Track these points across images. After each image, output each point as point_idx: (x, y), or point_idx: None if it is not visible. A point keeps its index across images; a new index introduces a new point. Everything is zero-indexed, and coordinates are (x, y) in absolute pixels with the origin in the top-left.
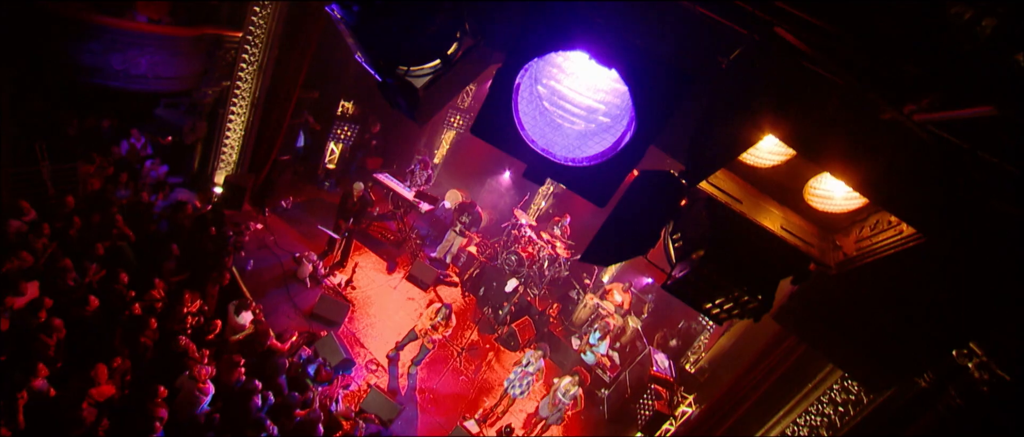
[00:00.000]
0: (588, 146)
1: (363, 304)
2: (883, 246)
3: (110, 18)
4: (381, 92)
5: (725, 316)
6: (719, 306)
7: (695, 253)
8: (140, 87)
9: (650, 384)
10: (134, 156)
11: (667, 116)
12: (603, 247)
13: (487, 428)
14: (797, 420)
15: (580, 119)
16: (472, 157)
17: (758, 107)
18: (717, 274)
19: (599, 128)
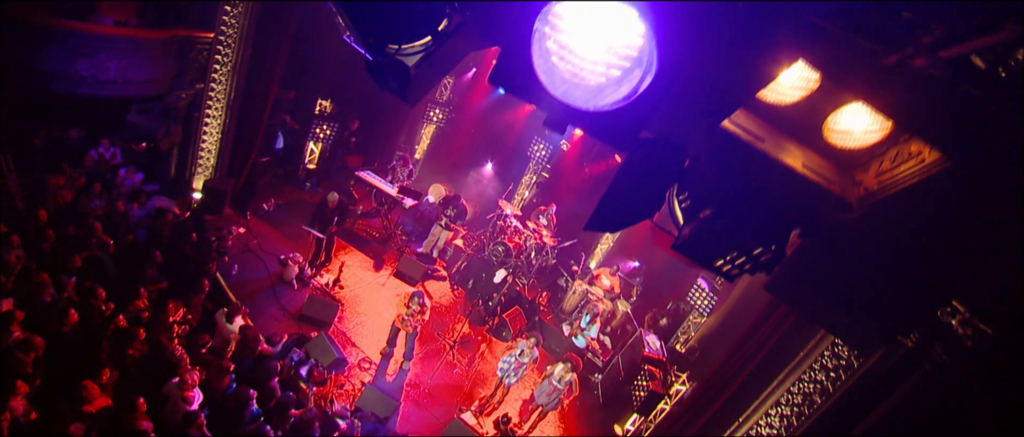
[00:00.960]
0: (605, 96)
1: (352, 303)
2: (905, 176)
3: (74, 22)
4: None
5: (737, 272)
6: (730, 261)
7: (703, 211)
8: (110, 92)
9: (643, 365)
10: (103, 166)
11: (690, 52)
12: (608, 213)
13: (484, 419)
14: (791, 388)
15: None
16: (453, 150)
17: (781, 38)
18: (728, 228)
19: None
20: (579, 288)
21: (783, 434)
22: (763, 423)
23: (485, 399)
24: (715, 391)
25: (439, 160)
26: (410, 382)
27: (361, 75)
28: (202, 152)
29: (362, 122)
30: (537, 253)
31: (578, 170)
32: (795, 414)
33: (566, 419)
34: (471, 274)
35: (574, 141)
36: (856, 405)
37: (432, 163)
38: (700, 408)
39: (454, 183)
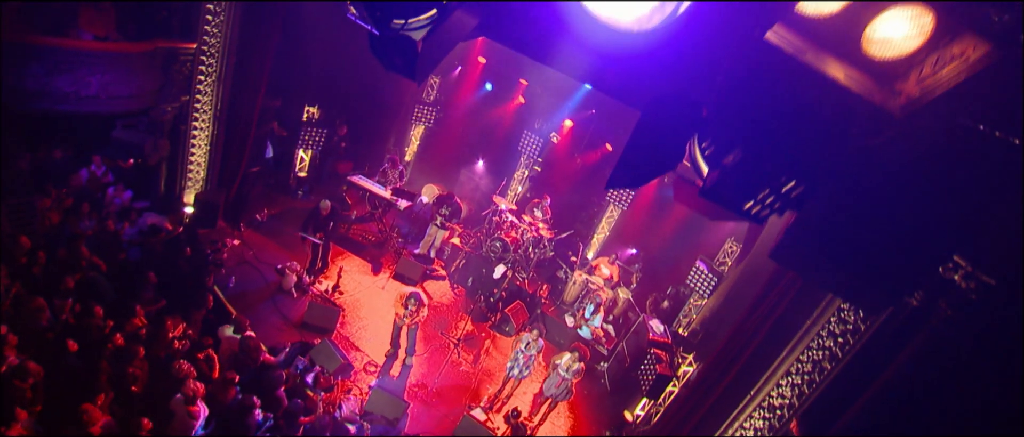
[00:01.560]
0: (652, 17)
1: (353, 307)
2: (948, 77)
3: (53, 38)
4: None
5: (767, 212)
6: (761, 201)
7: (729, 156)
8: (93, 108)
9: (649, 349)
10: (95, 184)
11: None
12: (629, 169)
13: (494, 415)
14: (800, 357)
15: None
16: (444, 149)
17: None
18: (758, 166)
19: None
20: (579, 278)
21: (795, 403)
22: (775, 394)
23: (494, 395)
24: (724, 366)
25: (430, 160)
26: (417, 382)
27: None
28: (191, 165)
29: (350, 127)
30: (535, 246)
31: (570, 161)
32: (806, 382)
33: (575, 409)
34: (470, 272)
35: (564, 133)
36: (866, 367)
37: (423, 163)
38: (710, 385)
39: (446, 182)
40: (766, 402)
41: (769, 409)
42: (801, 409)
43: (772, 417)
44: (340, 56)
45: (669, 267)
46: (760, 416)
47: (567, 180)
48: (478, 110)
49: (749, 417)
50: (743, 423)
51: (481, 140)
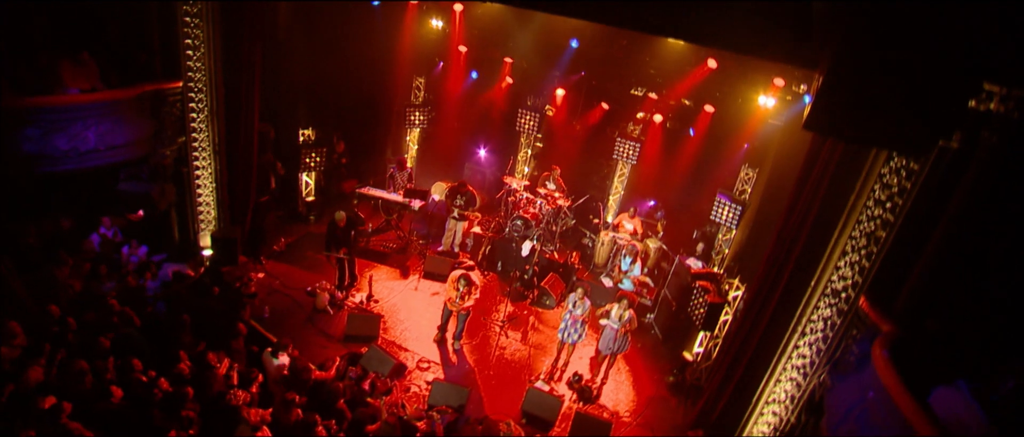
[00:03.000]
0: None
1: (391, 312)
2: None
3: (41, 98)
4: None
5: None
6: None
7: None
8: (94, 163)
9: (694, 285)
10: (108, 247)
11: None
12: None
13: (555, 383)
14: (852, 234)
15: None
16: (444, 147)
17: None
18: None
19: None
20: (606, 238)
21: (858, 280)
22: (835, 277)
23: (551, 366)
24: (775, 272)
25: (432, 160)
26: (474, 368)
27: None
28: (201, 206)
29: (347, 142)
30: (555, 217)
31: (570, 128)
32: (864, 256)
33: (633, 362)
34: (497, 256)
35: (559, 104)
36: (921, 224)
37: (426, 165)
38: (766, 295)
39: (453, 178)
40: (828, 289)
41: (833, 294)
42: (865, 284)
43: (838, 301)
44: (323, 73)
45: (690, 210)
46: (826, 304)
47: (571, 148)
48: (469, 101)
49: (815, 309)
50: (810, 317)
51: (479, 130)
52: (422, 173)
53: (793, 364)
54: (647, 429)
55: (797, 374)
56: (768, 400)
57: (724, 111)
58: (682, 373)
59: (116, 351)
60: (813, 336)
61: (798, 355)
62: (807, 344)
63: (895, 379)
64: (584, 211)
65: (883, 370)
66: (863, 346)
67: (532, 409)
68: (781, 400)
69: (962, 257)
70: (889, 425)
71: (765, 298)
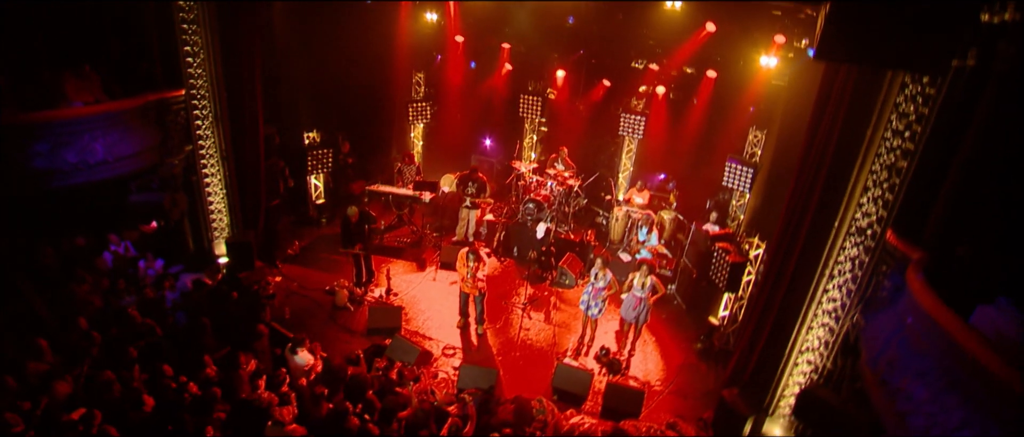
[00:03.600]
0: None
1: (411, 303)
2: None
3: (46, 113)
4: None
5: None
6: None
7: None
8: (103, 174)
9: (713, 246)
10: (122, 263)
11: None
12: None
13: (583, 358)
14: (872, 169)
15: None
16: (449, 140)
17: None
18: None
19: None
20: (619, 213)
21: (883, 214)
22: (859, 215)
23: (578, 341)
24: (796, 220)
25: (438, 154)
26: (500, 351)
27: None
28: (213, 214)
29: (351, 142)
30: (567, 198)
31: (573, 109)
32: (886, 190)
33: (659, 333)
34: (513, 241)
35: (560, 85)
36: (943, 148)
37: (433, 159)
38: (788, 246)
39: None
40: (852, 228)
41: (858, 233)
42: (891, 218)
43: (864, 239)
44: (322, 76)
45: (702, 178)
46: (852, 244)
47: (576, 128)
48: (471, 91)
49: (841, 250)
50: (837, 259)
51: (482, 119)
52: (429, 167)
53: (824, 309)
54: (680, 396)
55: (829, 319)
56: (801, 349)
57: (726, 75)
58: (709, 338)
59: (142, 360)
60: (842, 278)
61: (828, 299)
62: (836, 286)
63: (934, 300)
64: (595, 190)
65: (920, 293)
66: (895, 279)
67: (563, 385)
68: (815, 347)
69: (988, 177)
70: (931, 347)
71: (788, 247)
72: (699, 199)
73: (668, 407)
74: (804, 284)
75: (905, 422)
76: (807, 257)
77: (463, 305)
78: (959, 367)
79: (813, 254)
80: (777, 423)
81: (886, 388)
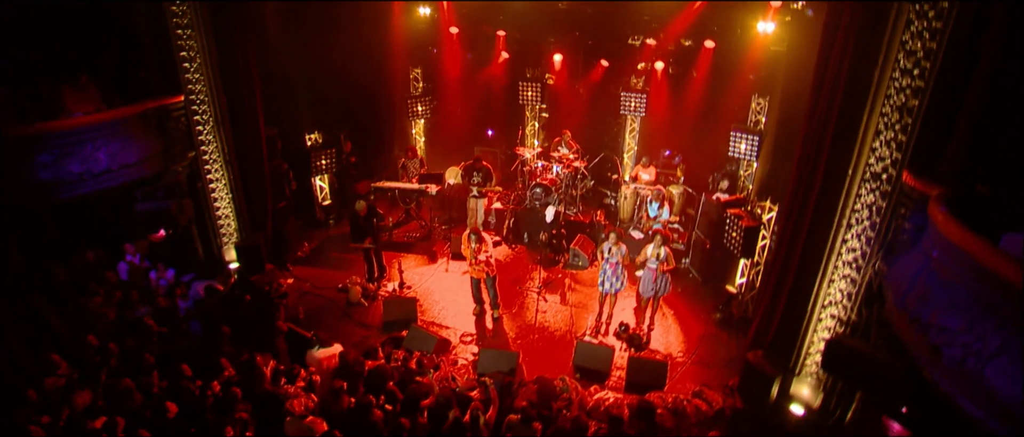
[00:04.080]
0: None
1: (426, 295)
2: None
3: (48, 123)
4: None
5: None
6: None
7: None
8: (108, 183)
9: (725, 213)
10: (136, 274)
11: None
12: None
13: (602, 336)
14: (883, 112)
15: None
16: (450, 135)
17: None
18: None
19: None
20: (627, 191)
21: (897, 156)
22: (872, 160)
23: (597, 319)
24: (809, 171)
25: (442, 147)
26: (518, 335)
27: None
28: (221, 220)
29: (353, 142)
30: (573, 180)
31: (573, 93)
32: (899, 131)
33: (677, 306)
34: (522, 227)
35: (558, 70)
36: (955, 82)
37: (436, 154)
38: (801, 202)
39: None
40: (867, 174)
41: (873, 179)
42: (906, 159)
43: (879, 184)
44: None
45: (708, 151)
46: (868, 190)
47: (578, 111)
48: (469, 83)
49: (857, 198)
50: (854, 207)
51: (483, 110)
52: (433, 161)
53: (844, 260)
54: (703, 366)
55: (850, 269)
56: (824, 304)
57: (725, 45)
58: (728, 307)
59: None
60: (860, 227)
61: (847, 250)
62: (855, 236)
63: (960, 228)
64: (601, 171)
65: (945, 224)
66: (915, 220)
67: (584, 362)
68: (838, 301)
69: (1004, 107)
70: (961, 277)
71: (802, 201)
72: (706, 172)
73: (692, 377)
74: (821, 237)
75: (940, 355)
76: (822, 209)
77: (476, 291)
78: (993, 292)
79: (828, 205)
80: (805, 382)
81: (917, 325)
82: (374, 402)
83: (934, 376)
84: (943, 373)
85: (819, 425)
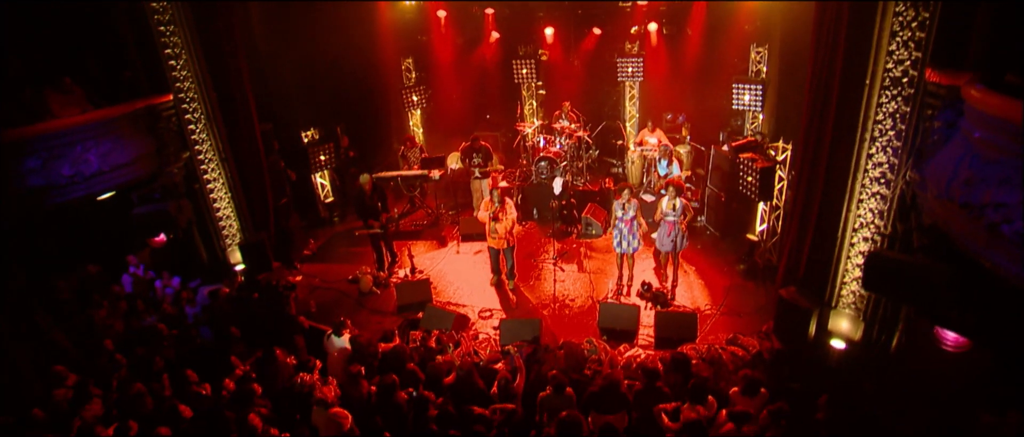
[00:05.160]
0: None
1: (439, 277)
2: None
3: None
4: None
5: None
6: None
7: None
8: (101, 186)
9: (737, 157)
10: (141, 286)
11: None
12: None
13: (625, 298)
14: (896, 9)
15: None
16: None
17: None
18: None
19: None
20: (634, 155)
21: (916, 55)
22: (891, 64)
23: (617, 283)
24: (824, 89)
25: (441, 135)
26: (537, 305)
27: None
28: (222, 221)
29: (350, 136)
30: (578, 151)
31: (569, 66)
32: (916, 28)
33: (697, 262)
34: (531, 203)
35: (551, 44)
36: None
37: (435, 143)
38: (819, 121)
39: None
40: (886, 80)
41: (894, 84)
42: (927, 57)
43: (901, 89)
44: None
45: (711, 110)
46: (888, 97)
47: (575, 84)
48: (462, 67)
49: (878, 108)
50: (875, 118)
51: (480, 94)
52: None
53: (871, 177)
54: (732, 316)
55: (879, 185)
56: (854, 227)
57: None
58: (751, 257)
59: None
60: (884, 139)
61: (874, 165)
62: (880, 150)
63: (1001, 99)
64: (606, 141)
65: (985, 100)
66: (945, 116)
67: (609, 323)
68: (869, 221)
69: None
70: (1010, 149)
71: (820, 125)
72: (711, 130)
73: (723, 327)
74: (844, 157)
75: (999, 233)
76: (842, 127)
77: (495, 261)
78: None
79: (848, 122)
80: (842, 315)
81: (968, 210)
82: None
83: (994, 260)
84: (1005, 252)
85: (863, 357)
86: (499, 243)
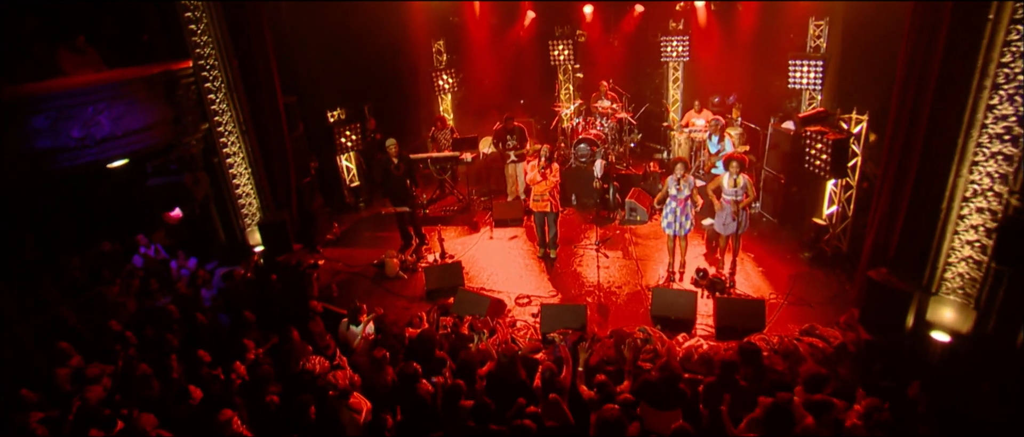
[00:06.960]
0: None
1: (471, 263)
2: None
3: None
4: None
5: None
6: None
7: None
8: (113, 151)
9: (804, 134)
10: (153, 265)
11: None
12: None
13: (678, 284)
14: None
15: None
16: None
17: None
18: None
19: None
20: (680, 137)
21: None
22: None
23: (668, 269)
24: (929, 27)
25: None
26: (580, 292)
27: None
28: (241, 199)
29: (377, 118)
30: (619, 133)
31: (608, 47)
32: None
33: (756, 251)
34: (569, 189)
35: (590, 24)
36: None
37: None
38: (921, 63)
39: None
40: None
41: None
42: None
43: None
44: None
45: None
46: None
47: (615, 66)
48: (496, 49)
49: (1004, 46)
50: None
51: (514, 78)
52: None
53: (990, 134)
54: (803, 305)
55: (1000, 143)
56: (966, 196)
57: None
58: (817, 244)
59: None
60: (1011, 85)
61: (995, 119)
62: (1004, 99)
63: None
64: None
65: None
66: None
67: (664, 311)
68: (986, 187)
69: None
70: None
71: (921, 70)
72: (763, 116)
73: (793, 318)
74: (954, 110)
75: None
76: (951, 76)
77: (540, 228)
78: None
79: (960, 68)
80: (946, 303)
81: None
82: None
83: None
84: None
85: (975, 352)
86: (543, 205)
